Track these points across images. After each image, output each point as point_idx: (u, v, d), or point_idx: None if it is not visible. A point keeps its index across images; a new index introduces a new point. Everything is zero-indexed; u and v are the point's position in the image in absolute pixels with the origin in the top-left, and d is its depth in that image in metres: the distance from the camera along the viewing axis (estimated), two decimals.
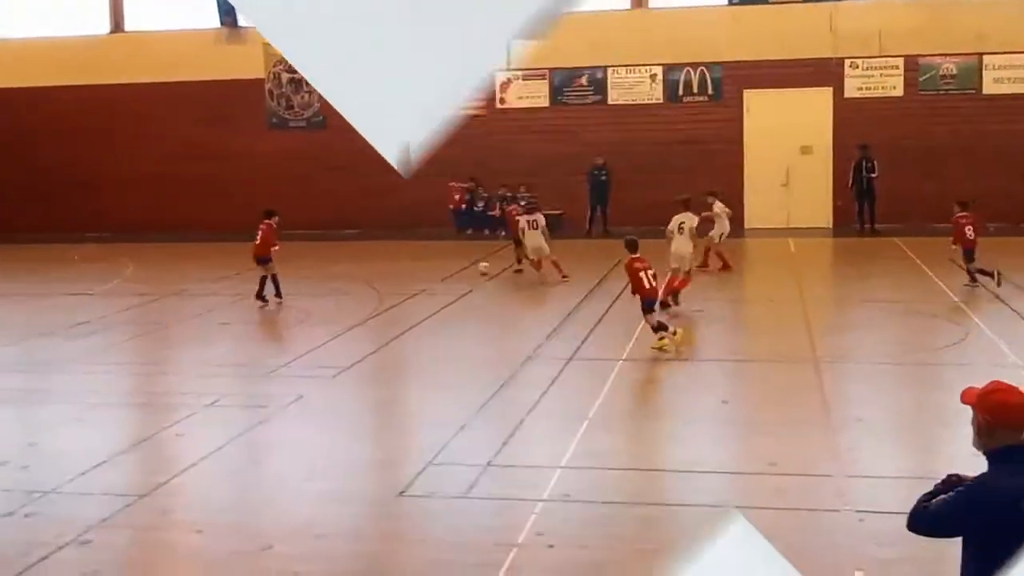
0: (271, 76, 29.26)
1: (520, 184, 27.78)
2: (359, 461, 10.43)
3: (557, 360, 13.63)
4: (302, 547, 8.08)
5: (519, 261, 20.76)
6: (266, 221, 18.57)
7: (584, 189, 27.03)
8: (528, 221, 20.08)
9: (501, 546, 7.87)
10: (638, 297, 13.95)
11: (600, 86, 27.75)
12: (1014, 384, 4.54)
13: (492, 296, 19.36)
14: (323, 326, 16.41)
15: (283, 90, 29.32)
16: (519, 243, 20.64)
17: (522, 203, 22.38)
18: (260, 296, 18.03)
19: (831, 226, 26.66)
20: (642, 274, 13.85)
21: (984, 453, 4.43)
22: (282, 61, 28.95)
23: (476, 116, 28.13)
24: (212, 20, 29.07)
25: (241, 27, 29.16)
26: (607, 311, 16.77)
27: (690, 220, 17.19)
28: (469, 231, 27.83)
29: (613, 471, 9.64)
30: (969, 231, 17.72)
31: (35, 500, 9.17)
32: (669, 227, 17.21)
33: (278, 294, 18.15)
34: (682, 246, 16.92)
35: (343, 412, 12.13)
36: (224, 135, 29.18)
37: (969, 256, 17.79)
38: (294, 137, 29.28)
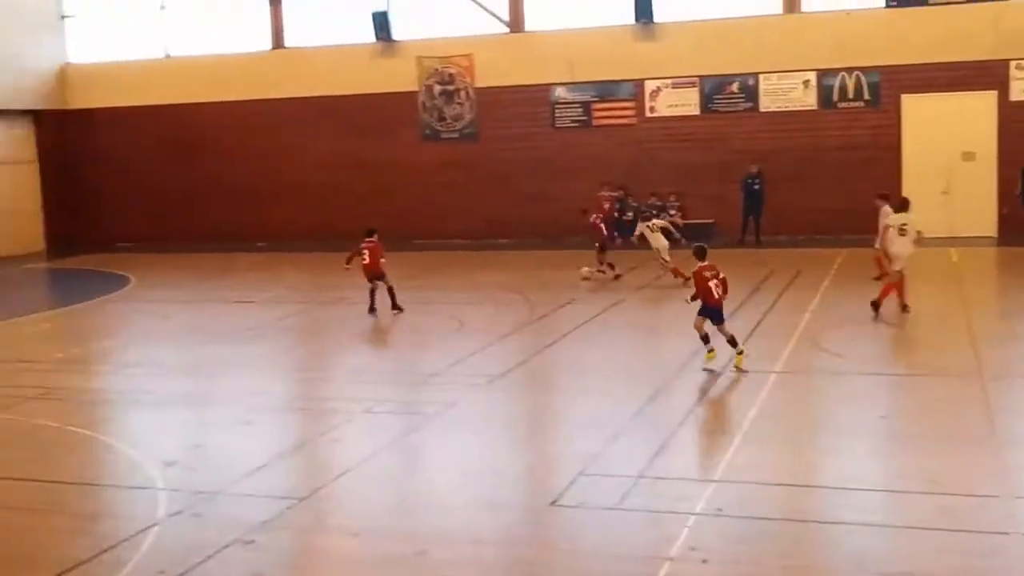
0: (424, 89, 29.80)
1: (670, 193, 27.61)
2: (512, 469, 10.51)
3: (710, 371, 13.47)
4: (456, 553, 8.20)
5: (609, 267, 21.57)
6: (369, 239, 18.90)
7: (736, 197, 26.63)
8: (647, 226, 20.59)
9: (654, 559, 7.83)
10: (700, 304, 13.64)
11: (751, 93, 27.31)
12: None
13: (644, 305, 19.26)
14: (476, 334, 16.62)
15: (435, 102, 29.82)
16: (603, 250, 21.51)
17: (644, 211, 23.39)
18: (372, 309, 18.60)
19: (996, 235, 25.59)
20: (711, 283, 13.62)
21: None
22: (435, 74, 29.48)
23: (626, 125, 28.13)
24: (368, 35, 29.83)
25: (395, 41, 29.85)
26: (760, 322, 16.49)
27: (914, 222, 16.84)
28: (619, 240, 27.72)
29: (767, 486, 9.46)
30: None
31: (201, 501, 9.56)
32: (888, 225, 17.03)
33: (395, 306, 18.55)
34: (905, 247, 16.62)
35: (496, 420, 12.25)
36: (380, 147, 29.91)
37: None
38: (447, 148, 29.76)
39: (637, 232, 20.81)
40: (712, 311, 13.62)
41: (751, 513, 8.77)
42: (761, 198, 26.27)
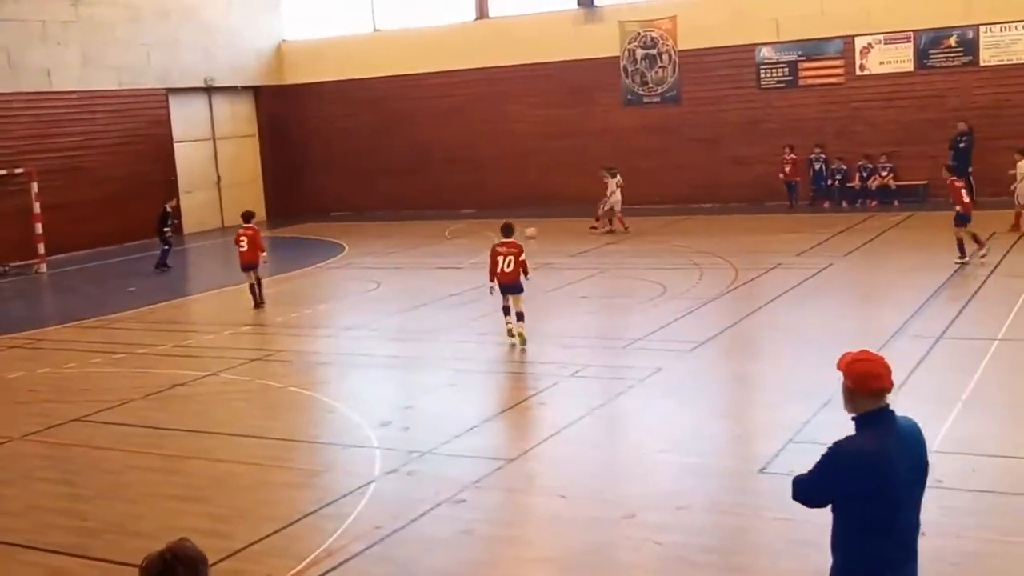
0: (626, 54, 29.64)
1: (881, 154, 26.59)
2: (718, 435, 10.45)
3: (925, 339, 12.98)
4: (663, 517, 8.23)
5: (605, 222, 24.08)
6: (247, 226, 18.17)
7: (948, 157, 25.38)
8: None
9: None
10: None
11: (970, 46, 25.91)
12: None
13: (852, 270, 18.68)
14: (679, 300, 16.53)
15: (637, 67, 29.62)
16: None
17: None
18: (257, 304, 18.04)
19: None
20: (499, 258, 13.99)
21: (852, 419, 4.56)
22: (636, 38, 29.28)
23: (834, 84, 27.21)
24: (569, 2, 29.88)
25: (597, 7, 29.78)
26: (980, 287, 15.75)
27: None
28: (826, 204, 26.96)
29: (989, 458, 9.08)
30: None
31: (415, 459, 9.93)
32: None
33: (259, 303, 18.04)
34: None
35: (701, 385, 12.18)
36: (581, 113, 30.01)
37: None
38: (648, 113, 29.55)
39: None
40: (504, 286, 14.01)
41: (972, 486, 8.44)
42: (967, 157, 24.86)
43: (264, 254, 18.28)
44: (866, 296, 17.09)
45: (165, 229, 24.23)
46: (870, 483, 4.39)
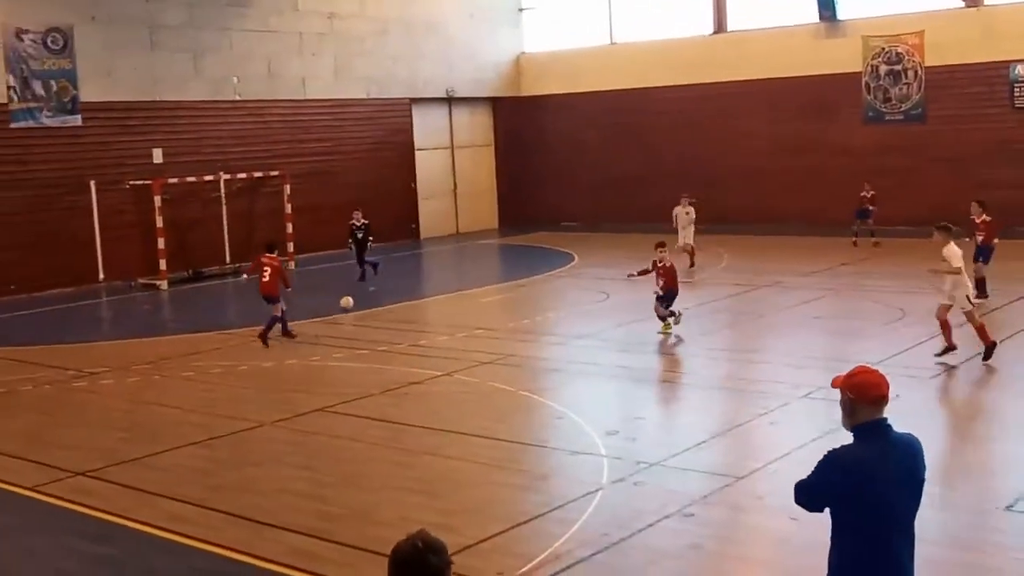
0: (868, 69, 28.74)
1: None
2: (959, 467, 10.00)
3: None
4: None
5: None
6: (269, 256, 17.05)
7: None
8: None
9: None
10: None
11: None
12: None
13: None
14: (920, 325, 15.87)
15: (880, 83, 28.66)
16: None
17: None
18: (264, 337, 16.66)
19: None
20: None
21: (850, 430, 4.74)
22: (880, 53, 28.34)
23: None
24: (811, 15, 29.24)
25: (840, 21, 29.01)
26: None
27: None
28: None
29: None
30: None
31: (642, 470, 9.97)
32: None
33: (285, 331, 16.91)
34: None
35: (940, 415, 11.73)
36: (820, 129, 29.30)
37: None
38: (890, 130, 28.53)
39: None
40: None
41: None
42: None
43: (288, 288, 17.23)
44: None
45: (349, 242, 23.96)
46: (860, 488, 4.58)
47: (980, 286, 16.62)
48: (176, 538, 8.78)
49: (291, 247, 27.08)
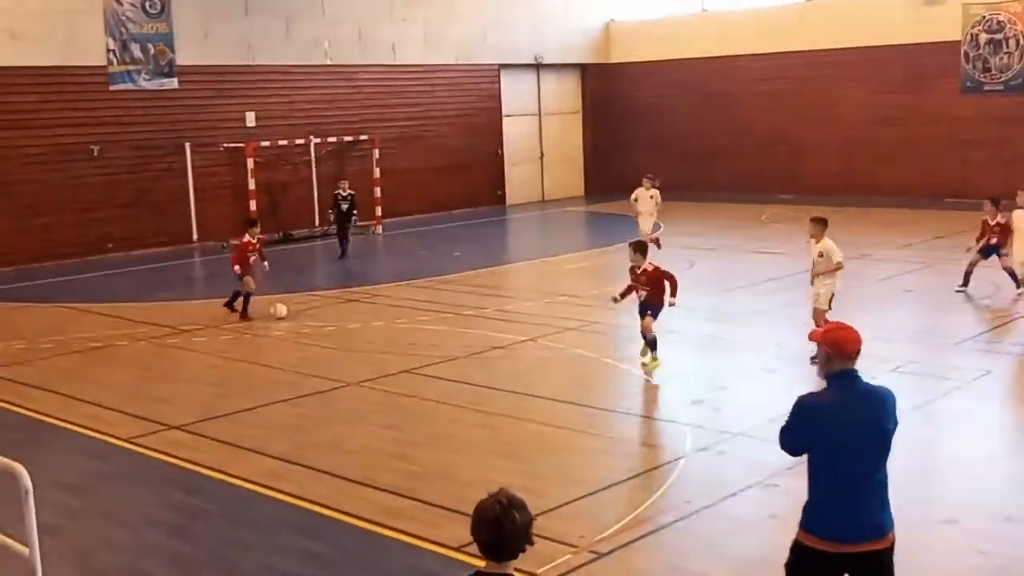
0: (968, 38, 27.97)
1: None
2: None
3: None
4: (989, 527, 7.85)
5: None
6: (250, 234, 16.62)
7: None
8: None
9: None
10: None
11: None
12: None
13: None
14: (1012, 303, 15.52)
15: (980, 52, 27.89)
16: None
17: None
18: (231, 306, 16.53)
19: None
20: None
21: (823, 379, 5.20)
22: (981, 22, 27.56)
23: None
24: None
25: None
26: None
27: None
28: None
29: None
30: None
31: (726, 440, 9.95)
32: None
33: (230, 304, 16.50)
34: None
35: None
36: (916, 99, 28.65)
37: None
38: (989, 101, 27.77)
39: None
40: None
41: None
42: None
43: (264, 262, 17.07)
44: None
45: (330, 212, 23.64)
46: (823, 431, 5.03)
47: (1014, 276, 15.91)
48: (266, 491, 9.02)
49: (379, 211, 27.35)
